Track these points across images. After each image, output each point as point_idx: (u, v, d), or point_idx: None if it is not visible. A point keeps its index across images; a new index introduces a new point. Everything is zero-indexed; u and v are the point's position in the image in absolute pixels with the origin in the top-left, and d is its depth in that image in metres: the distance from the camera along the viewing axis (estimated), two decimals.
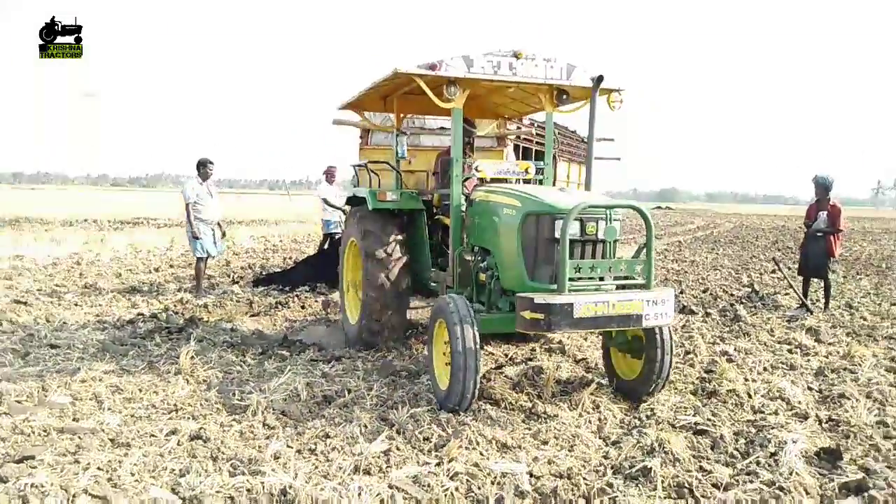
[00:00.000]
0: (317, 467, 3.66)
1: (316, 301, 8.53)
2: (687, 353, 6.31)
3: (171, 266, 12.21)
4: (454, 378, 4.38)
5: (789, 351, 6.56)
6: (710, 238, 24.54)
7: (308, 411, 4.58)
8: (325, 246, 11.16)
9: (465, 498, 3.37)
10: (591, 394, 4.97)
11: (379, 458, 3.76)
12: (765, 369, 5.88)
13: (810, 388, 5.37)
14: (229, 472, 3.59)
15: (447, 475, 3.56)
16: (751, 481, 3.56)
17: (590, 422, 4.49)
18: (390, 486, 3.40)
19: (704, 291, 10.54)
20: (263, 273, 11.20)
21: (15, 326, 6.96)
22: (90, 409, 4.54)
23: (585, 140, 12.30)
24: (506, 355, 6.19)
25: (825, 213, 8.75)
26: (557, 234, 4.35)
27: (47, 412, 4.40)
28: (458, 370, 4.34)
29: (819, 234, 8.75)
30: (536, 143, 10.29)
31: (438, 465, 3.70)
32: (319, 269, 10.05)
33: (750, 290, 10.49)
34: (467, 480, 3.52)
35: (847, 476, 3.62)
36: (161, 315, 7.50)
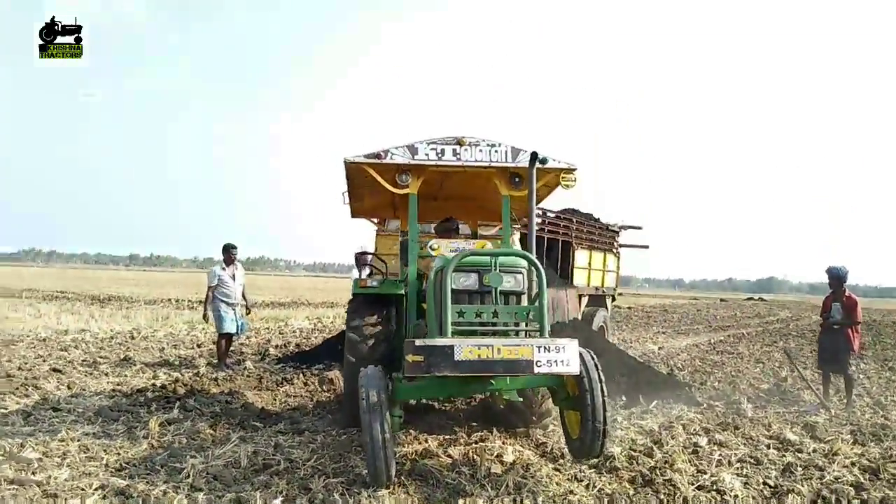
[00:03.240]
0: None
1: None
2: (655, 442, 6.18)
3: (215, 343, 12.95)
4: (367, 458, 4.49)
5: (767, 446, 6.28)
6: (782, 331, 23.35)
7: (243, 478, 4.87)
8: None
9: None
10: (521, 476, 5.00)
11: None
12: (729, 462, 5.67)
13: (766, 484, 5.15)
14: None
15: None
16: None
17: (503, 502, 4.53)
18: None
19: (730, 384, 10.17)
20: (296, 351, 11.74)
21: (37, 391, 7.68)
22: (52, 464, 5.00)
23: (610, 227, 12.51)
24: (466, 433, 6.25)
25: (839, 304, 8.46)
26: (453, 285, 4.63)
27: (12, 465, 4.90)
28: (370, 458, 4.45)
29: (836, 326, 8.44)
30: (549, 231, 10.53)
31: None
32: (338, 349, 10.47)
33: (775, 383, 10.03)
34: None
35: None
36: (170, 386, 8.05)
